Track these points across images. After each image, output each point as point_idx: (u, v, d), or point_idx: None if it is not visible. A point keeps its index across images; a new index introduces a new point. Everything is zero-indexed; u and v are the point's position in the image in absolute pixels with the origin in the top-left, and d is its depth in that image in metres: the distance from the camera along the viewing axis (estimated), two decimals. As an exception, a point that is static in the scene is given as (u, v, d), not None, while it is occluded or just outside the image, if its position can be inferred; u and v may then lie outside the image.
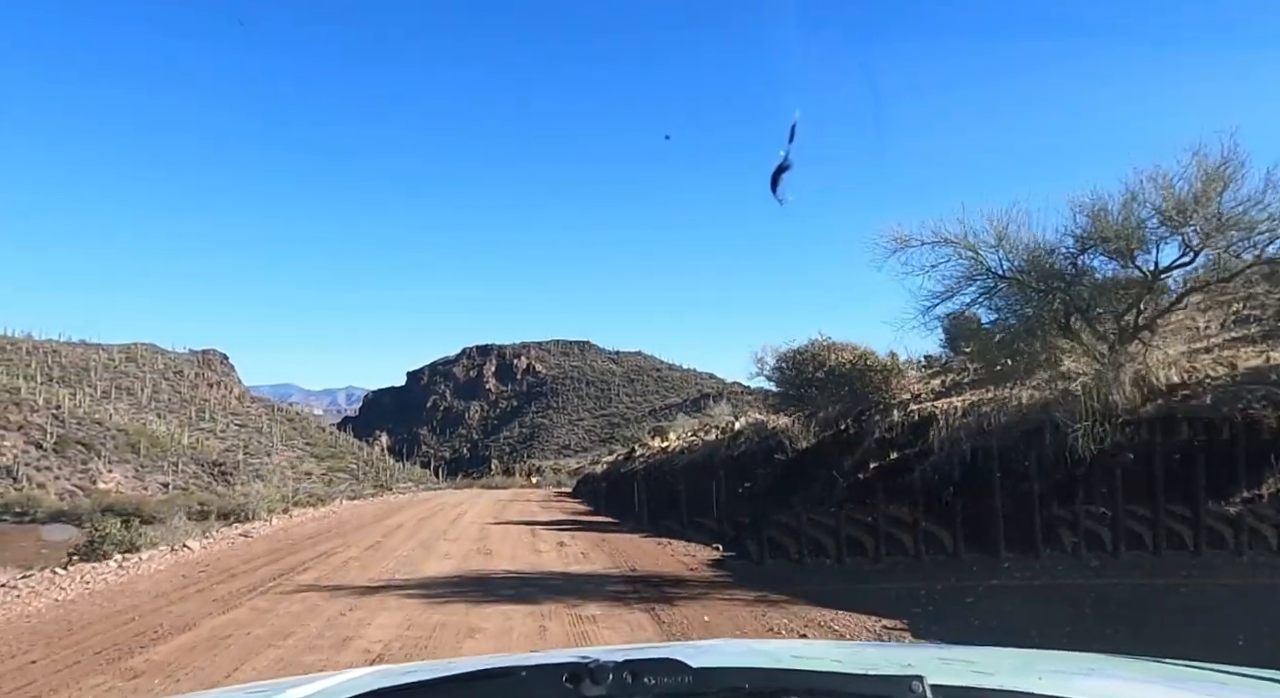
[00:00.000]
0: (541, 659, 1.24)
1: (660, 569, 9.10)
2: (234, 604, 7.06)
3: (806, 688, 0.92)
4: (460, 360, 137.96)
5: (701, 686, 0.89)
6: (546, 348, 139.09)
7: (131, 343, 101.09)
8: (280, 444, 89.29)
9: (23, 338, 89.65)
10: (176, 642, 5.70)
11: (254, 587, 7.94)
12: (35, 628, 6.28)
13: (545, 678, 0.89)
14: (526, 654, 2.02)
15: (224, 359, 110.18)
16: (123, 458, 65.55)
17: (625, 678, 0.87)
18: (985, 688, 1.10)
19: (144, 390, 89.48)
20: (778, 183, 2.12)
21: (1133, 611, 5.20)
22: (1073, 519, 6.87)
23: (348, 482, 71.77)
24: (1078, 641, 4.73)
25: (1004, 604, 5.87)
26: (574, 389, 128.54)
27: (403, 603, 6.91)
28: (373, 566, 9.30)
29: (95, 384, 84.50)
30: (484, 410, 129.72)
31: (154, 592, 7.83)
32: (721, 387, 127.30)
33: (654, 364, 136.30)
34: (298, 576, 8.70)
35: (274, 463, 23.10)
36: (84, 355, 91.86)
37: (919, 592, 6.41)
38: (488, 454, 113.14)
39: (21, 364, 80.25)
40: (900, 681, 0.89)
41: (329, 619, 6.35)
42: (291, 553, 10.48)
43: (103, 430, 67.42)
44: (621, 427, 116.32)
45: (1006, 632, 5.19)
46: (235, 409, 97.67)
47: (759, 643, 3.31)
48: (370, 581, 8.26)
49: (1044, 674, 1.23)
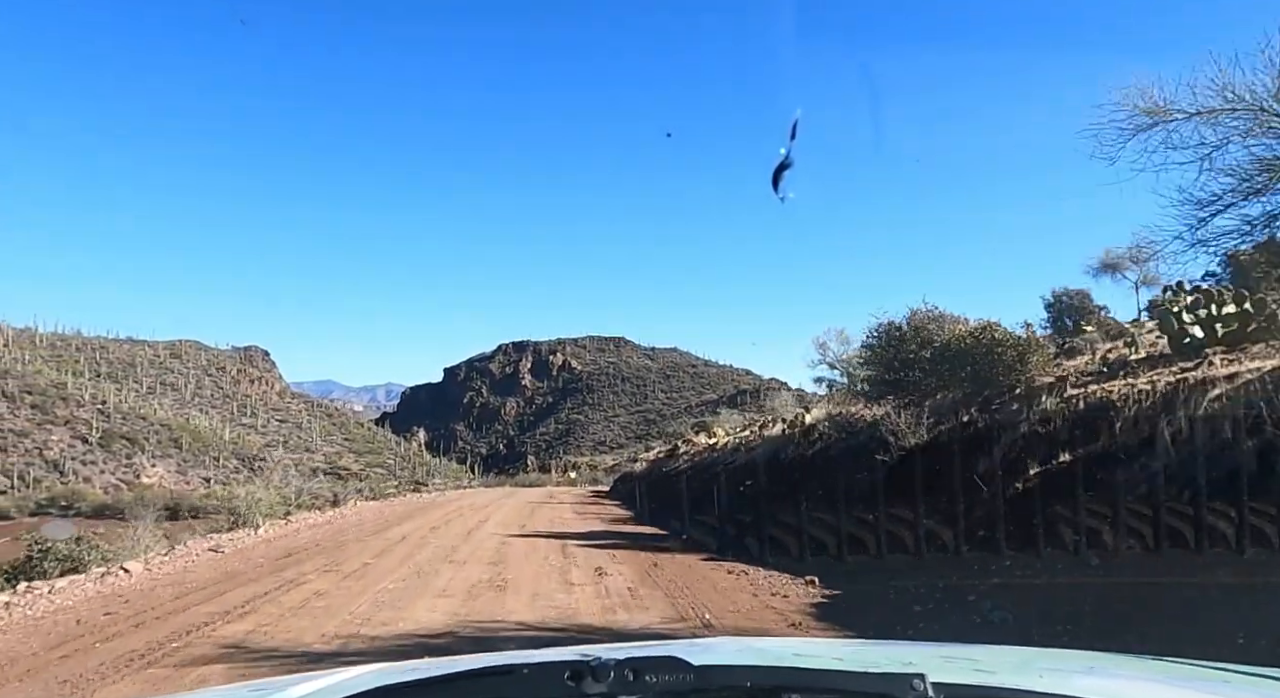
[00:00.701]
0: (544, 657, 1.19)
1: (745, 620, 6.15)
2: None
3: (808, 686, 0.90)
4: (496, 357, 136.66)
5: (703, 683, 0.87)
6: (582, 344, 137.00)
7: (176, 340, 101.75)
8: (320, 440, 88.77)
9: (72, 334, 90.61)
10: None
11: (149, 650, 5.27)
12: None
13: (547, 676, 0.88)
14: (529, 652, 1.84)
15: (265, 356, 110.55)
16: (166, 453, 65.17)
17: (627, 676, 0.86)
18: (987, 686, 1.09)
19: (187, 386, 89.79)
20: (779, 181, 1.99)
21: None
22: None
23: (368, 480, 70.68)
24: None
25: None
26: (609, 386, 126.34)
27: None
28: (341, 607, 6.60)
29: (141, 380, 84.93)
30: (520, 407, 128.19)
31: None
32: (759, 382, 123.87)
33: (689, 360, 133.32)
34: (229, 624, 6.03)
35: (277, 458, 20.57)
36: (130, 352, 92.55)
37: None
38: (523, 450, 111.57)
39: (71, 360, 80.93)
40: (902, 678, 0.87)
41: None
42: (248, 582, 7.87)
43: (146, 426, 67.16)
44: (657, 423, 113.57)
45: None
46: (276, 405, 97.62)
47: (760, 641, 3.10)
48: (322, 639, 5.56)
49: (1044, 672, 1.23)
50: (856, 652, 1.71)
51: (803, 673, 0.95)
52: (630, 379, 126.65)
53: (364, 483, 67.73)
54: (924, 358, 10.71)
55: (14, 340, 79.34)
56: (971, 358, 9.93)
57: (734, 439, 21.56)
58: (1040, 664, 1.39)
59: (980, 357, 9.94)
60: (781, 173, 2.01)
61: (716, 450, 21.76)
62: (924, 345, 10.83)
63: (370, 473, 75.64)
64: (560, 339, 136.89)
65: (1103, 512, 6.81)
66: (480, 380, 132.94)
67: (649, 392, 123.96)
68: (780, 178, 2.00)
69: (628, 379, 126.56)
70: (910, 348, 10.94)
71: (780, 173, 2.01)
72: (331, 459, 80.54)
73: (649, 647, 1.39)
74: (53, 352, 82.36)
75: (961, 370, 10.13)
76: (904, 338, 11.17)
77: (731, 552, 9.83)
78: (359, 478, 74.36)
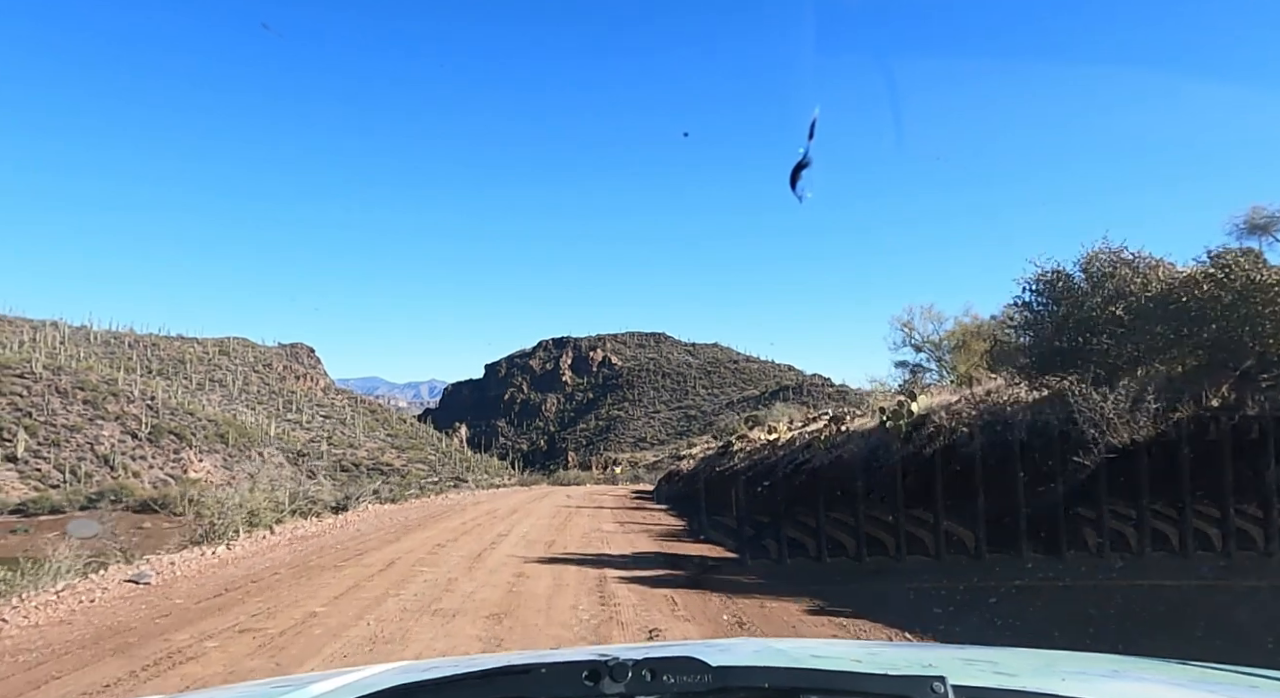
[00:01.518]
0: (562, 657, 1.17)
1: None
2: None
3: (826, 688, 0.88)
4: (536, 353, 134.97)
5: (720, 684, 0.86)
6: (622, 340, 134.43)
7: (225, 337, 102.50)
8: (363, 435, 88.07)
9: (125, 332, 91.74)
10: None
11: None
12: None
13: (565, 675, 0.87)
14: (547, 651, 1.89)
15: (311, 352, 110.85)
16: (212, 448, 64.76)
17: (644, 676, 0.85)
18: (1008, 689, 1.06)
19: (235, 382, 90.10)
20: (797, 180, 1.90)
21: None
22: None
23: (409, 475, 69.19)
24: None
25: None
26: (650, 381, 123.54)
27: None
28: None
29: (190, 376, 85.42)
30: (560, 403, 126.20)
31: None
32: (801, 378, 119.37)
33: (730, 356, 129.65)
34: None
35: (264, 457, 17.21)
36: (180, 348, 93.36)
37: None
38: (564, 446, 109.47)
39: (123, 357, 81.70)
40: (921, 681, 0.85)
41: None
42: (116, 653, 5.01)
43: (194, 421, 66.90)
44: (698, 419, 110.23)
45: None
46: (320, 401, 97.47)
47: (778, 642, 2.78)
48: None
49: (1067, 676, 1.20)
50: (875, 653, 1.61)
51: (821, 675, 0.93)
52: (671, 375, 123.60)
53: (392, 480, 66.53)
54: (1117, 317, 7.28)
55: (70, 338, 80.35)
56: (1215, 312, 6.46)
57: (799, 434, 18.21)
58: (1063, 667, 1.35)
59: (1225, 311, 6.47)
60: (799, 172, 1.90)
61: (779, 448, 18.45)
62: (1114, 300, 7.39)
63: (412, 469, 74.49)
64: (600, 335, 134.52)
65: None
66: (521, 377, 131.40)
67: (690, 388, 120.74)
68: (798, 177, 1.90)
69: (668, 375, 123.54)
70: (1093, 304, 7.52)
71: (798, 172, 1.90)
72: (374, 454, 79.65)
73: (667, 646, 1.37)
74: (106, 349, 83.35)
75: (1192, 332, 6.67)
76: (1079, 292, 7.76)
77: (835, 593, 6.63)
78: (400, 474, 73.30)
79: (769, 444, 19.94)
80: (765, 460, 17.91)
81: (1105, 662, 1.46)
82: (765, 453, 19.15)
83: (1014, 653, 1.60)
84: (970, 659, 1.37)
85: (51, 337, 78.01)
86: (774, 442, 19.79)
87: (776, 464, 16.09)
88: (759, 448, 20.59)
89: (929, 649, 1.68)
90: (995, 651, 1.52)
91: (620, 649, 1.17)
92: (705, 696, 0.85)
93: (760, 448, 20.33)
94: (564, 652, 1.55)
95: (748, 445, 22.23)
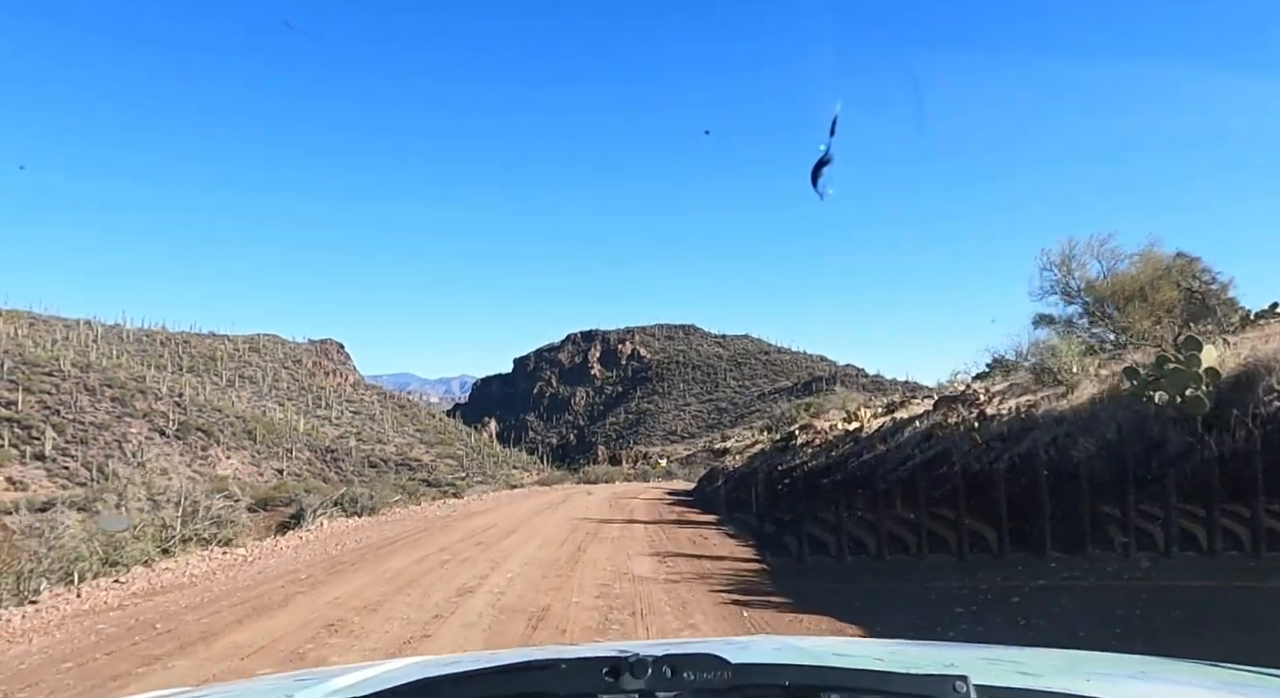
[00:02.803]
0: (582, 653, 1.16)
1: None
2: None
3: (847, 686, 0.87)
4: (565, 347, 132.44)
5: (740, 681, 0.85)
6: (651, 332, 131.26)
7: (255, 333, 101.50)
8: (391, 431, 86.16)
9: (157, 329, 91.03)
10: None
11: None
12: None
13: (585, 671, 0.86)
14: (568, 647, 1.80)
15: (340, 348, 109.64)
16: (240, 444, 63.04)
17: (664, 672, 0.84)
18: (1031, 689, 1.05)
19: (265, 379, 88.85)
20: (818, 177, 1.87)
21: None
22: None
23: (437, 470, 66.61)
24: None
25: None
26: (680, 374, 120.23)
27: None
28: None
29: (220, 373, 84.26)
30: (589, 396, 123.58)
31: None
32: (834, 368, 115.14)
33: (761, 347, 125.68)
34: None
35: (150, 456, 11.42)
36: (211, 346, 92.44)
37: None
38: (593, 441, 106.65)
39: (155, 355, 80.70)
40: (943, 680, 0.84)
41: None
42: None
43: (222, 417, 65.34)
44: (729, 412, 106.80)
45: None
46: (350, 397, 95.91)
47: (799, 640, 2.80)
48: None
49: (1092, 676, 1.18)
50: (896, 652, 1.57)
51: (842, 673, 0.92)
52: (701, 367, 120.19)
53: (419, 475, 63.76)
54: None
55: (103, 336, 79.48)
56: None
57: (890, 422, 14.86)
58: (1088, 668, 1.31)
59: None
60: (821, 169, 1.87)
61: (865, 438, 15.12)
62: None
63: (441, 464, 72.13)
64: (629, 328, 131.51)
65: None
66: (550, 371, 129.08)
67: (720, 380, 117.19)
68: (819, 174, 1.87)
69: (698, 367, 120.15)
70: None
71: (820, 169, 1.87)
72: (403, 450, 77.64)
73: (687, 643, 1.41)
74: (138, 346, 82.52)
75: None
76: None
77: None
78: (428, 469, 70.74)
79: (848, 435, 16.60)
80: (852, 457, 14.59)
81: (1132, 663, 1.42)
82: (847, 446, 15.84)
83: (1038, 653, 1.57)
84: (993, 659, 1.35)
85: (84, 335, 77.07)
86: (855, 432, 16.42)
87: (878, 462, 12.75)
88: (832, 441, 17.28)
89: (951, 649, 1.50)
90: (1019, 650, 1.50)
91: (641, 646, 1.15)
92: (725, 693, 0.84)
93: (835, 441, 17.02)
94: (585, 648, 1.45)
95: (815, 437, 18.90)
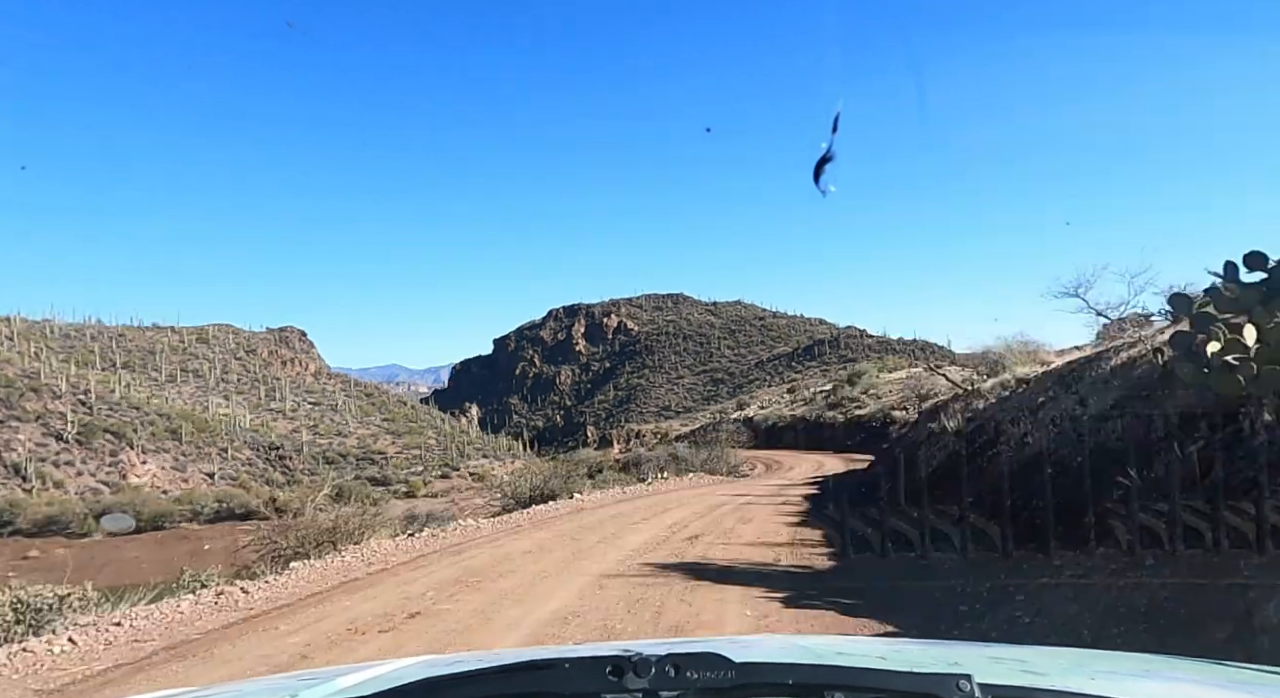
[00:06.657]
0: (586, 652, 1.18)
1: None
2: None
3: (850, 684, 0.86)
4: (547, 323, 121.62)
5: (744, 680, 0.84)
6: (637, 304, 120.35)
7: (206, 325, 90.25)
8: (354, 422, 75.27)
9: (89, 324, 79.93)
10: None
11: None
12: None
13: (589, 670, 0.86)
14: (571, 646, 1.85)
15: (303, 336, 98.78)
16: (161, 447, 51.95)
17: (668, 672, 0.83)
18: (1036, 688, 1.01)
19: (212, 371, 77.66)
20: (820, 174, 1.76)
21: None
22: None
23: (400, 466, 55.89)
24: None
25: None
26: (670, 345, 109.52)
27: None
28: None
29: (161, 367, 73.22)
30: (575, 374, 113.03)
31: None
32: (835, 331, 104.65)
33: (755, 313, 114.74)
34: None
35: None
36: (152, 339, 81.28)
37: None
38: (582, 421, 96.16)
39: (84, 351, 69.43)
40: (947, 679, 0.83)
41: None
42: None
43: (139, 415, 54.17)
44: (725, 382, 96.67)
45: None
46: (310, 387, 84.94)
47: (802, 639, 2.82)
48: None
49: (1097, 675, 1.16)
50: (900, 651, 1.55)
51: (845, 672, 0.90)
52: (692, 337, 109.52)
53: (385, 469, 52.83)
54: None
55: (22, 333, 67.95)
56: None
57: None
58: (1093, 667, 1.29)
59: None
60: (823, 166, 1.75)
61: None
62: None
63: (404, 457, 61.85)
64: (614, 300, 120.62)
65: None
66: (532, 349, 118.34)
67: (714, 349, 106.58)
68: (822, 171, 1.76)
69: (689, 337, 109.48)
70: None
71: (822, 166, 1.76)
72: (365, 442, 67.10)
73: (691, 642, 1.34)
74: (65, 343, 71.46)
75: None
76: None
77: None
78: (393, 464, 59.88)
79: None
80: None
81: (1138, 661, 1.42)
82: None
83: (1042, 652, 1.55)
84: (998, 658, 1.31)
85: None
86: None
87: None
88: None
89: (955, 647, 1.42)
90: (1023, 649, 1.48)
91: (645, 645, 1.11)
92: (729, 692, 0.83)
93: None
94: (588, 647, 1.33)
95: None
